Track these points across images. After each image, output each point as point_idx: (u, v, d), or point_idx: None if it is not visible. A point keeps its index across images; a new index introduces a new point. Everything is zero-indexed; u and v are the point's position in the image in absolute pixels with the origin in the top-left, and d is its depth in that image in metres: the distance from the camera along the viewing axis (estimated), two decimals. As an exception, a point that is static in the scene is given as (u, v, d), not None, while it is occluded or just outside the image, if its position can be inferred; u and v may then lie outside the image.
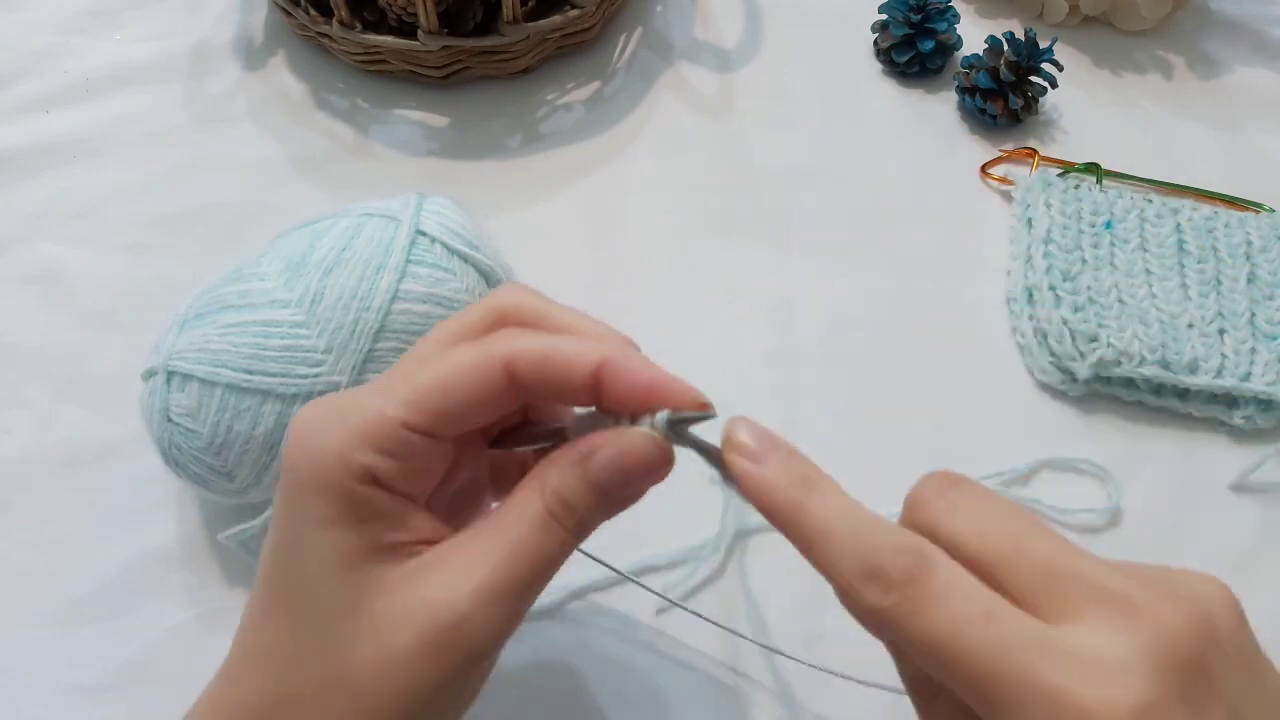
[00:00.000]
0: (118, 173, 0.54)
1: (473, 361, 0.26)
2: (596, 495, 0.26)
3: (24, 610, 0.40)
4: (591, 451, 0.26)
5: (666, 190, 0.54)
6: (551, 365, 0.26)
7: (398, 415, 0.25)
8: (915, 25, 0.57)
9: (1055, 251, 0.49)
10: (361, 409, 0.25)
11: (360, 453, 0.25)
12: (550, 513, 0.25)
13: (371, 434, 0.25)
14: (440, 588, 0.25)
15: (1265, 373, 0.46)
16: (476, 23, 0.54)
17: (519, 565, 0.25)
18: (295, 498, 0.26)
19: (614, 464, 0.25)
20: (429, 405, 0.25)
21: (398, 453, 0.25)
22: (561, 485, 0.26)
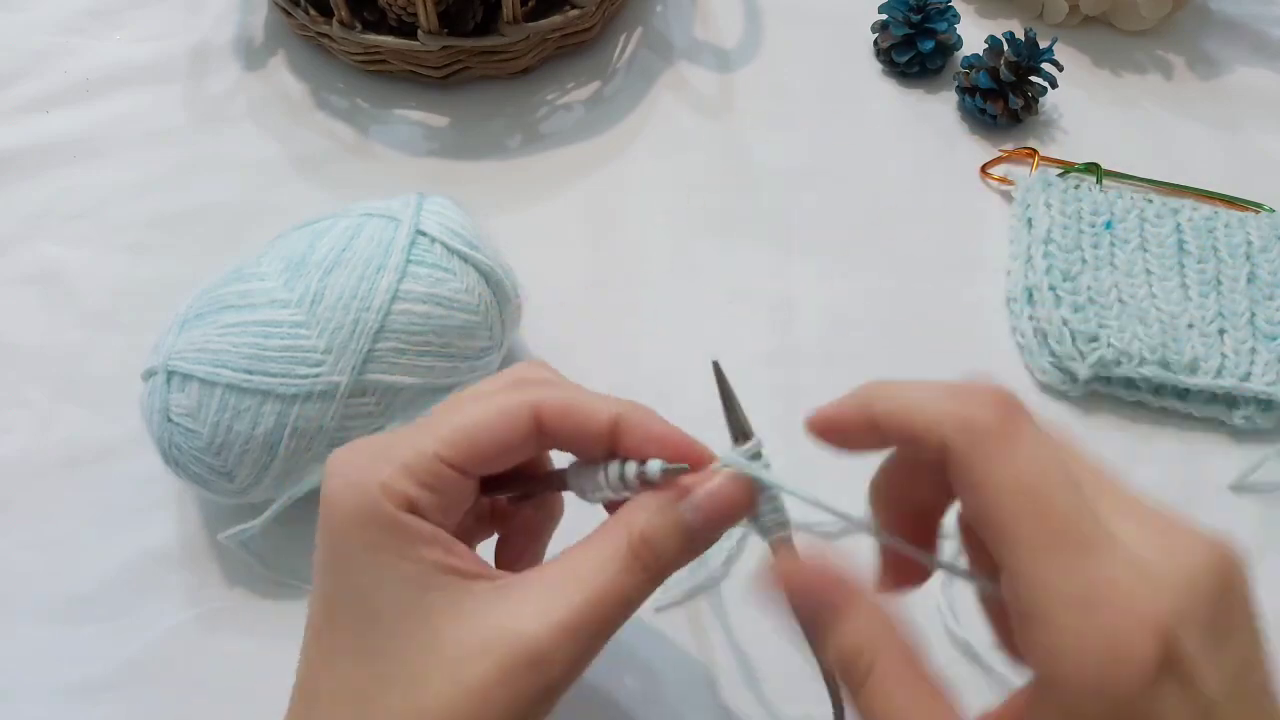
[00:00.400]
0: (118, 173, 0.54)
1: (506, 405, 0.27)
2: (684, 538, 0.26)
3: (24, 610, 0.40)
4: (680, 495, 0.27)
5: (666, 190, 0.54)
6: (574, 413, 0.27)
7: (436, 450, 0.26)
8: (915, 25, 0.57)
9: (1055, 251, 0.49)
10: (401, 445, 0.27)
11: (403, 483, 0.26)
12: (635, 554, 0.26)
13: (412, 466, 0.26)
14: (520, 619, 0.25)
15: (1265, 373, 0.46)
16: (476, 23, 0.54)
17: (601, 604, 0.26)
18: (342, 530, 0.26)
19: (706, 505, 0.26)
20: (465, 443, 0.27)
21: (435, 486, 0.26)
22: (648, 527, 0.26)
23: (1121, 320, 0.47)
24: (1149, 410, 0.47)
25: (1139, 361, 0.46)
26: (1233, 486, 0.45)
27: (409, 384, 0.39)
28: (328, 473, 0.27)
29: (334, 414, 0.38)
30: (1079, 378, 0.46)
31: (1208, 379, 0.46)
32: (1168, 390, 0.46)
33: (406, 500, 0.26)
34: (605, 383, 0.46)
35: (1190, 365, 0.46)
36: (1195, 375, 0.46)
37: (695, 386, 0.47)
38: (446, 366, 0.40)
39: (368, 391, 0.38)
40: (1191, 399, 0.46)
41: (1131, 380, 0.47)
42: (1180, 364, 0.46)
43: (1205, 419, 0.47)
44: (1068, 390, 0.47)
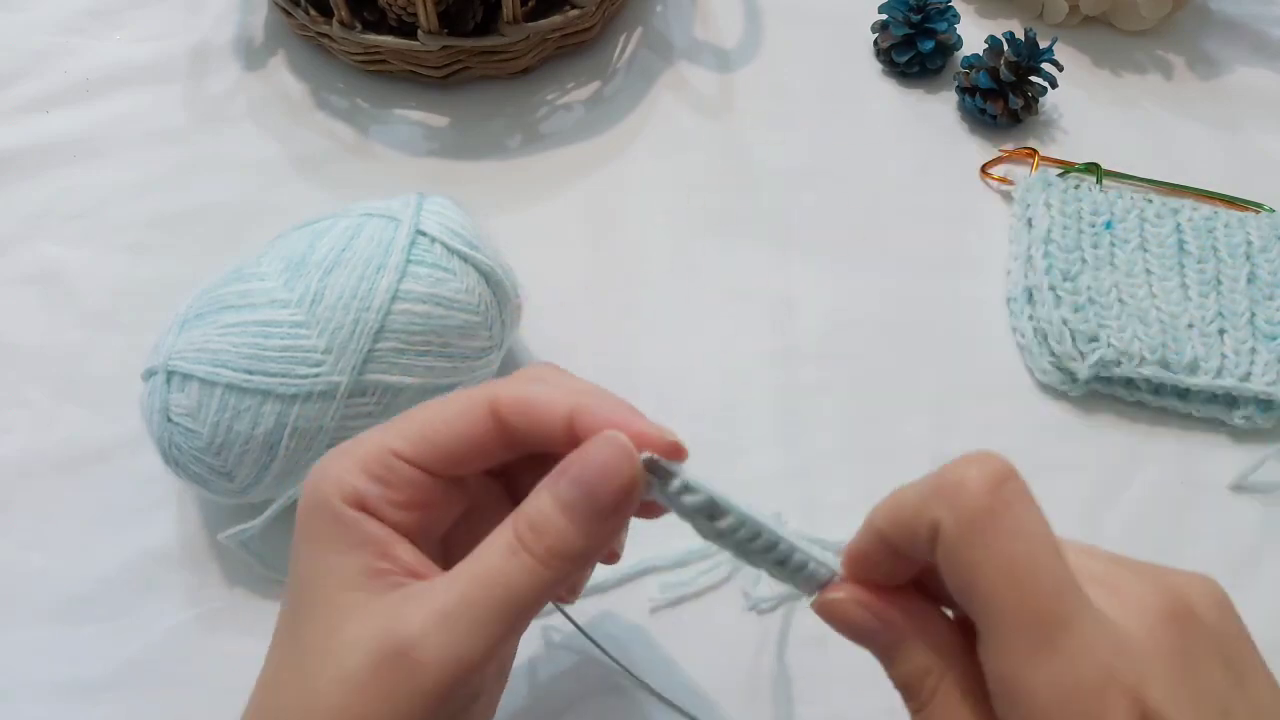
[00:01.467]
0: (118, 173, 0.54)
1: (461, 402, 0.27)
2: (566, 516, 0.25)
3: (24, 610, 0.40)
4: (563, 471, 0.25)
5: (666, 190, 0.54)
6: (530, 407, 0.27)
7: (391, 445, 0.27)
8: (915, 25, 0.57)
9: (1055, 251, 0.49)
10: (365, 440, 0.27)
11: (354, 477, 0.26)
12: (519, 537, 0.25)
13: (366, 461, 0.26)
14: (398, 613, 0.25)
15: (1265, 373, 0.46)
16: (476, 23, 0.54)
17: (479, 593, 0.25)
18: (301, 519, 0.27)
19: (578, 476, 0.25)
20: (420, 438, 0.27)
21: (386, 479, 0.26)
22: (531, 508, 0.25)
23: (1121, 320, 0.47)
24: (1149, 410, 0.47)
25: (1139, 361, 0.46)
26: (1233, 486, 0.45)
27: (409, 384, 0.39)
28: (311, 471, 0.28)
29: (334, 414, 0.38)
30: (1079, 378, 0.46)
31: (1208, 379, 0.46)
32: (1168, 390, 0.46)
33: (354, 494, 0.26)
34: (605, 383, 0.47)
35: (1190, 365, 0.46)
36: (1195, 375, 0.46)
37: (695, 386, 0.47)
38: (446, 366, 0.40)
39: (368, 391, 0.38)
40: (1191, 399, 0.46)
41: (1131, 380, 0.47)
42: (1180, 364, 0.46)
43: (1205, 419, 0.47)
44: (1068, 390, 0.47)
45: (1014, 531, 0.22)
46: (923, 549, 0.23)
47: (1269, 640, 0.42)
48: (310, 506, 0.27)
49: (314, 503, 0.26)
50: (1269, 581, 0.43)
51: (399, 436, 0.27)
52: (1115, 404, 0.47)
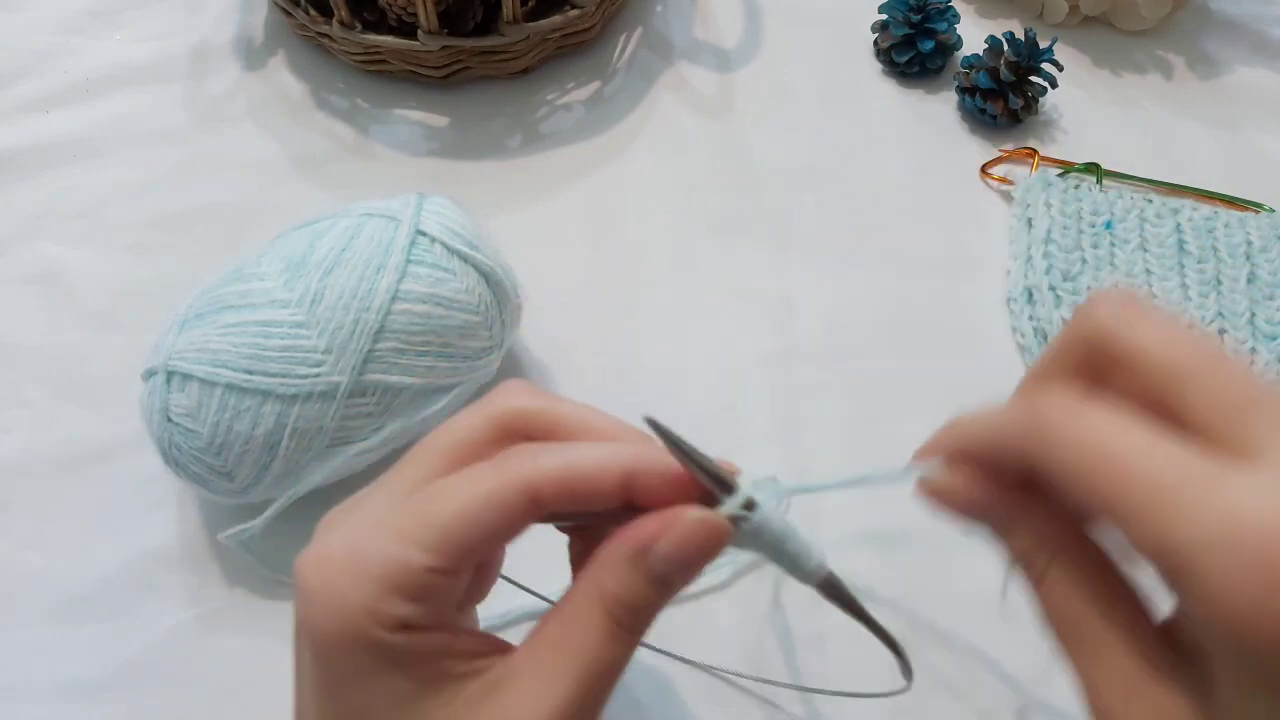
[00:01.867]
0: (118, 173, 0.54)
1: (494, 492, 0.24)
2: (660, 590, 0.25)
3: (24, 610, 0.40)
4: (645, 545, 0.25)
5: (666, 190, 0.54)
6: (577, 483, 0.25)
7: (423, 562, 0.24)
8: (915, 25, 0.57)
9: (1055, 251, 0.49)
10: (382, 558, 0.24)
11: (389, 605, 0.24)
12: (614, 619, 0.25)
13: (398, 584, 0.24)
14: (517, 713, 0.24)
15: (1265, 373, 0.46)
16: (476, 23, 0.54)
17: (591, 681, 0.24)
18: (330, 655, 0.24)
19: (677, 555, 0.25)
20: (452, 546, 0.24)
21: (425, 597, 0.24)
22: (621, 589, 0.25)
23: (1121, 320, 0.47)
24: (1149, 410, 0.47)
25: (1139, 361, 0.46)
26: (1233, 486, 0.45)
27: (409, 384, 0.39)
28: (302, 590, 0.25)
29: (334, 414, 0.38)
30: (1079, 378, 0.46)
31: (1208, 379, 0.46)
32: (1168, 390, 0.46)
33: (396, 622, 0.24)
34: (605, 383, 0.47)
35: (1190, 365, 0.46)
36: (1195, 375, 0.46)
37: (695, 386, 0.47)
38: (446, 366, 0.40)
39: (368, 391, 0.38)
40: (1191, 399, 0.46)
41: (1131, 380, 0.47)
42: (1180, 364, 0.46)
43: (1205, 419, 0.47)
44: (1068, 390, 0.47)
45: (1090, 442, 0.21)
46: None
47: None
48: (348, 642, 0.24)
49: (351, 638, 0.24)
50: (1269, 581, 0.43)
51: (423, 549, 0.24)
52: (1115, 404, 0.47)
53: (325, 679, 0.25)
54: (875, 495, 0.25)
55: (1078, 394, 0.22)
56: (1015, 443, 0.23)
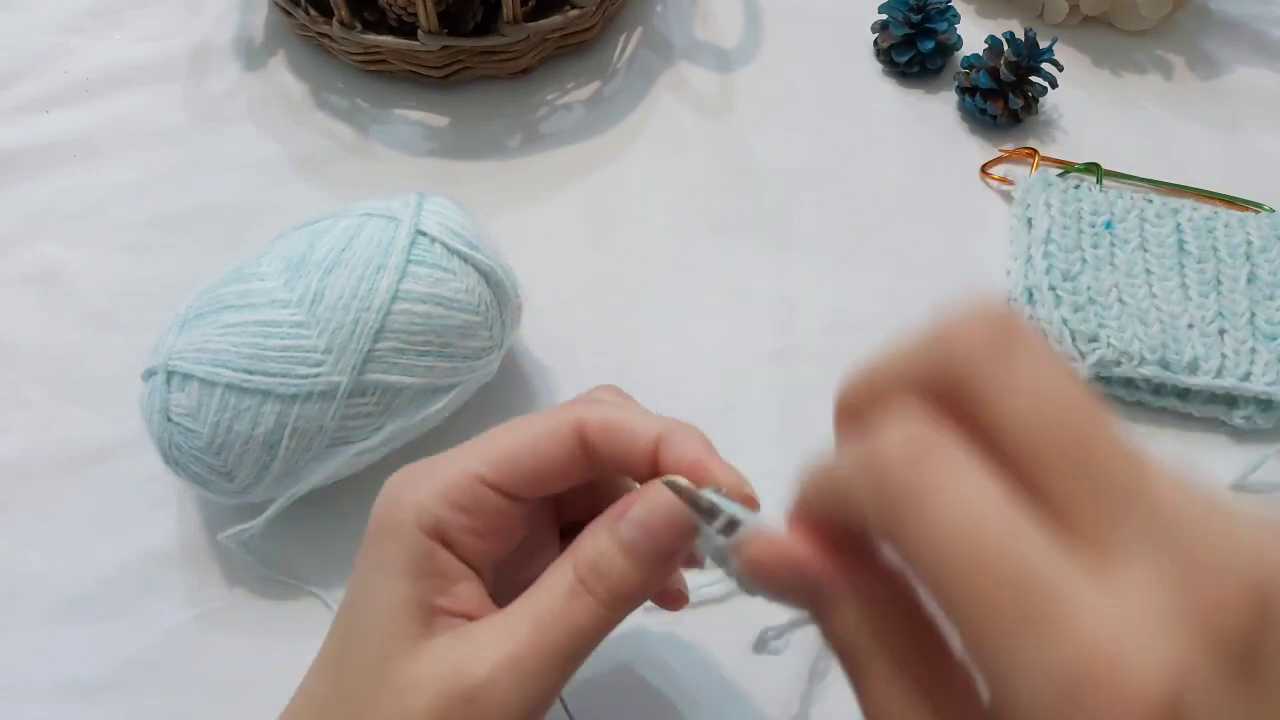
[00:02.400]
0: (118, 173, 0.54)
1: (549, 423, 0.27)
2: (628, 558, 0.25)
3: (24, 609, 0.40)
4: (622, 513, 0.26)
5: (666, 190, 0.54)
6: (617, 432, 0.27)
7: (479, 472, 0.26)
8: (915, 25, 0.57)
9: (1055, 251, 0.49)
10: (448, 464, 0.27)
11: (435, 504, 0.26)
12: (581, 579, 0.25)
13: (452, 487, 0.26)
14: (462, 656, 0.25)
15: (1265, 373, 0.46)
16: (476, 23, 0.54)
17: (544, 638, 0.25)
18: (371, 543, 0.27)
19: (642, 521, 0.25)
20: (507, 463, 0.27)
21: (472, 508, 0.26)
22: (591, 549, 0.26)
23: (1121, 320, 0.47)
24: (1149, 410, 0.47)
25: (1139, 361, 0.46)
26: (1233, 486, 0.45)
27: (409, 384, 0.39)
28: (385, 487, 0.27)
29: (334, 414, 0.38)
30: (1079, 378, 0.46)
31: (1208, 379, 0.46)
32: (1168, 390, 0.46)
33: (435, 523, 0.26)
34: (605, 383, 0.47)
35: (1190, 365, 0.46)
36: (1195, 375, 0.46)
37: (696, 386, 0.47)
38: (446, 366, 0.40)
39: (368, 391, 0.38)
40: (1191, 399, 0.46)
41: (1131, 380, 0.47)
42: (1180, 364, 0.46)
43: (1205, 419, 0.47)
44: (1068, 390, 0.47)
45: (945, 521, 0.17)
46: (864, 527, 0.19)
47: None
48: (384, 531, 0.26)
49: (389, 527, 0.26)
50: (1269, 581, 0.43)
51: (484, 462, 0.27)
52: (1115, 404, 0.47)
53: (357, 574, 0.27)
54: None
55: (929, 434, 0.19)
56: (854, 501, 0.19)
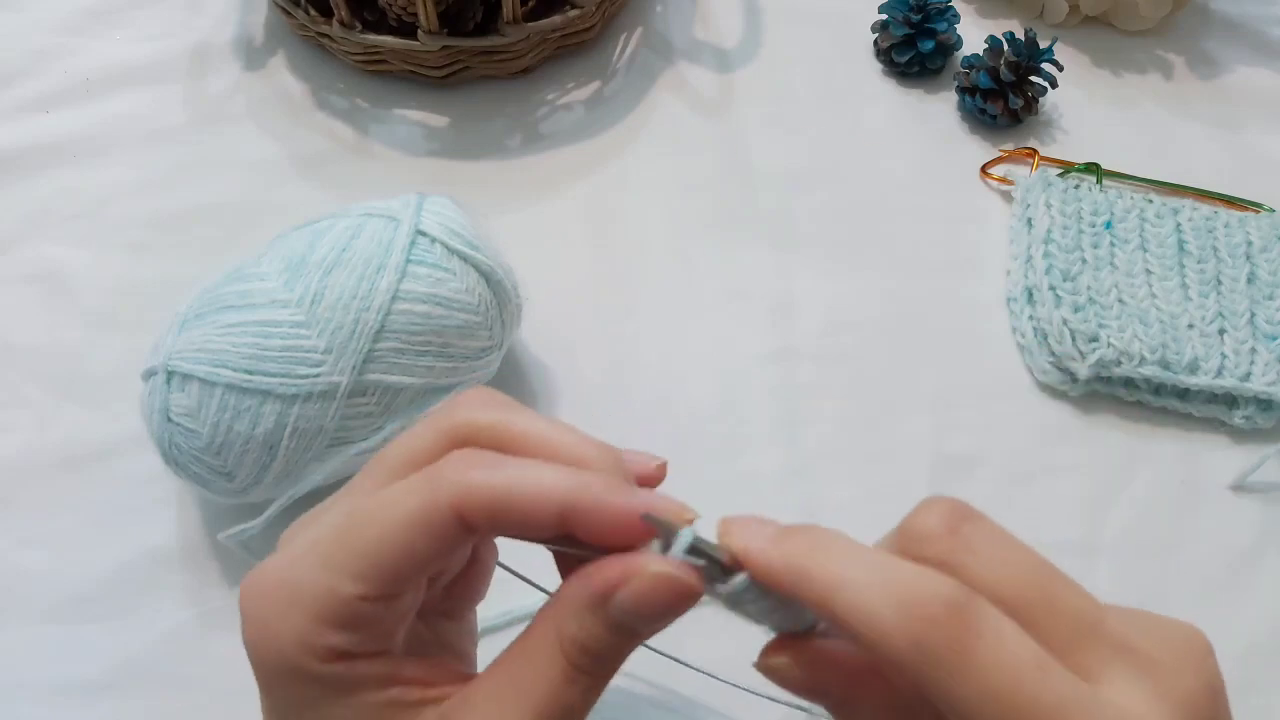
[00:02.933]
0: (118, 173, 0.54)
1: (419, 513, 0.23)
2: (620, 636, 0.24)
3: (23, 609, 0.40)
4: (608, 592, 0.23)
5: (666, 190, 0.54)
6: (510, 509, 0.23)
7: (352, 591, 0.23)
8: (915, 25, 0.57)
9: (1055, 251, 0.49)
10: (311, 587, 0.23)
11: (319, 635, 0.23)
12: (573, 665, 0.24)
13: (328, 614, 0.23)
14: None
15: (1265, 373, 0.46)
16: (476, 23, 0.54)
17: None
18: (273, 684, 0.24)
19: (637, 609, 0.23)
20: (381, 571, 0.23)
21: (358, 625, 0.23)
22: (580, 633, 0.23)
23: (1121, 320, 0.47)
24: (1149, 410, 0.47)
25: (1139, 361, 0.46)
26: (1233, 486, 0.45)
27: (409, 384, 0.39)
28: (242, 618, 0.24)
29: (334, 414, 0.38)
30: (1079, 378, 0.46)
31: (1208, 379, 0.46)
32: (1168, 390, 0.46)
33: (330, 652, 0.23)
34: (605, 383, 0.47)
35: (1190, 365, 0.46)
36: (1195, 375, 0.46)
37: (695, 386, 0.47)
38: (446, 366, 0.40)
39: (368, 391, 0.38)
40: (1191, 399, 0.46)
41: (1131, 380, 0.47)
42: (1180, 364, 0.46)
43: (1205, 419, 0.47)
44: (1068, 390, 0.47)
45: (991, 657, 0.20)
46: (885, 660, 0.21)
47: (1268, 640, 0.42)
48: (281, 673, 0.24)
49: (284, 669, 0.23)
50: (1269, 581, 0.43)
51: (352, 578, 0.23)
52: (1115, 404, 0.47)
53: (272, 708, 0.25)
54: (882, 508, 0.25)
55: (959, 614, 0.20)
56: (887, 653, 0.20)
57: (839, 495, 0.44)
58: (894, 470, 0.45)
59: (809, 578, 0.21)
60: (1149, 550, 0.43)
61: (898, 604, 0.20)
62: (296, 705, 0.24)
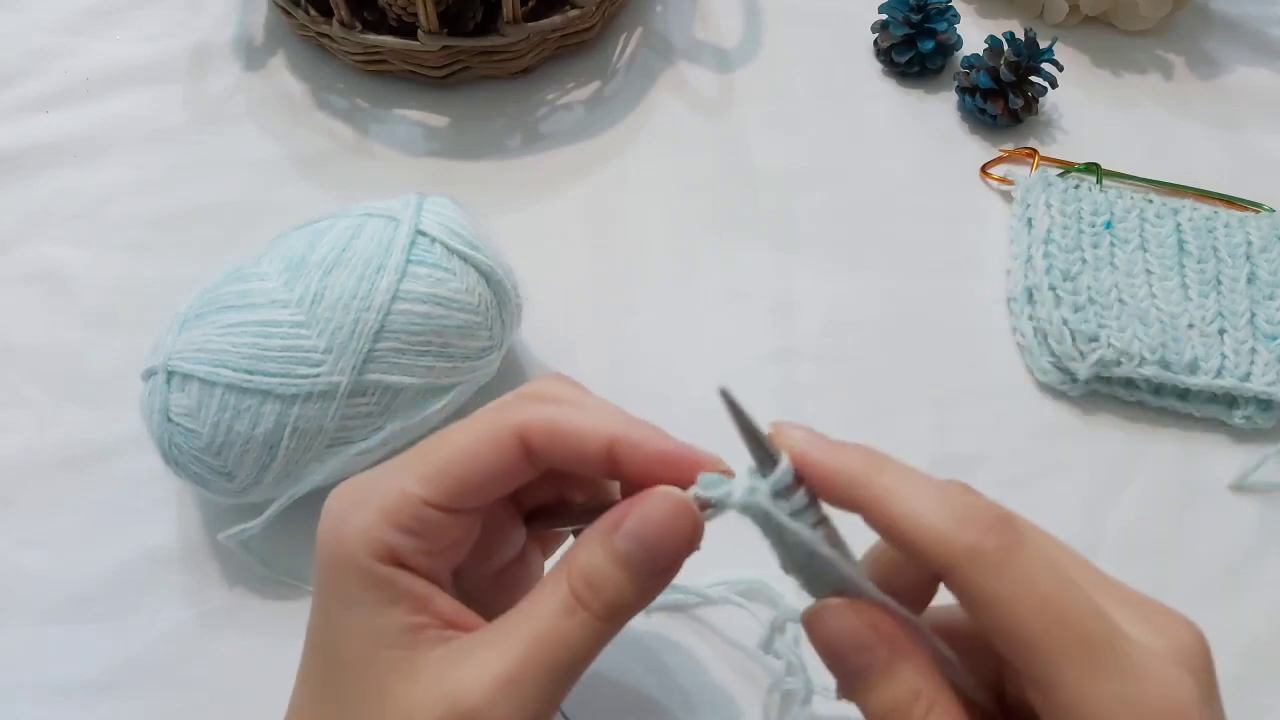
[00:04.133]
0: (118, 173, 0.54)
1: (487, 432, 0.25)
2: (624, 571, 0.24)
3: (23, 609, 0.40)
4: (616, 524, 0.24)
5: (666, 190, 0.54)
6: (565, 436, 0.25)
7: (418, 493, 0.25)
8: (915, 25, 0.57)
9: (1055, 251, 0.49)
10: (386, 485, 0.25)
11: (381, 531, 0.25)
12: (576, 596, 0.24)
13: (392, 512, 0.25)
14: (460, 678, 0.24)
15: (1265, 373, 0.46)
16: (476, 23, 0.54)
17: (541, 656, 0.24)
18: (325, 577, 0.26)
19: (638, 533, 0.24)
20: (447, 480, 0.25)
21: (419, 530, 0.25)
22: (587, 564, 0.24)
23: (1121, 320, 0.47)
24: (1149, 410, 0.47)
25: (1139, 361, 0.46)
26: (1233, 486, 0.45)
27: (409, 384, 0.39)
28: (322, 515, 0.26)
29: (334, 414, 0.38)
30: (1079, 378, 0.46)
31: (1208, 379, 0.46)
32: (1168, 390, 0.46)
33: (387, 550, 0.25)
34: (605, 383, 0.47)
35: (1190, 365, 0.46)
36: (1195, 375, 0.46)
37: (695, 386, 0.47)
38: (446, 366, 0.40)
39: (368, 391, 0.38)
40: (1191, 399, 0.46)
41: (1131, 380, 0.47)
42: (1180, 364, 0.46)
43: (1205, 419, 0.47)
44: (1068, 390, 0.47)
45: (1042, 571, 0.22)
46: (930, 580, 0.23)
47: (1268, 640, 0.42)
48: (336, 565, 0.25)
49: (339, 560, 0.25)
50: (1269, 581, 0.43)
51: (422, 481, 0.25)
52: (1115, 404, 0.47)
53: (316, 605, 0.26)
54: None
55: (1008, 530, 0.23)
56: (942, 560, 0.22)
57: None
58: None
59: (868, 485, 0.23)
60: (1149, 550, 0.43)
61: (952, 513, 0.22)
62: (340, 604, 0.25)
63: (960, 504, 0.22)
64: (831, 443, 0.24)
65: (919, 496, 0.23)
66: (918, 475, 0.23)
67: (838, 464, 0.24)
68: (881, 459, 0.24)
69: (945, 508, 0.22)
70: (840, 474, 0.24)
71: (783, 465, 0.24)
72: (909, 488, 0.23)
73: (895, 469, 0.24)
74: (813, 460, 0.24)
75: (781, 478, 0.24)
